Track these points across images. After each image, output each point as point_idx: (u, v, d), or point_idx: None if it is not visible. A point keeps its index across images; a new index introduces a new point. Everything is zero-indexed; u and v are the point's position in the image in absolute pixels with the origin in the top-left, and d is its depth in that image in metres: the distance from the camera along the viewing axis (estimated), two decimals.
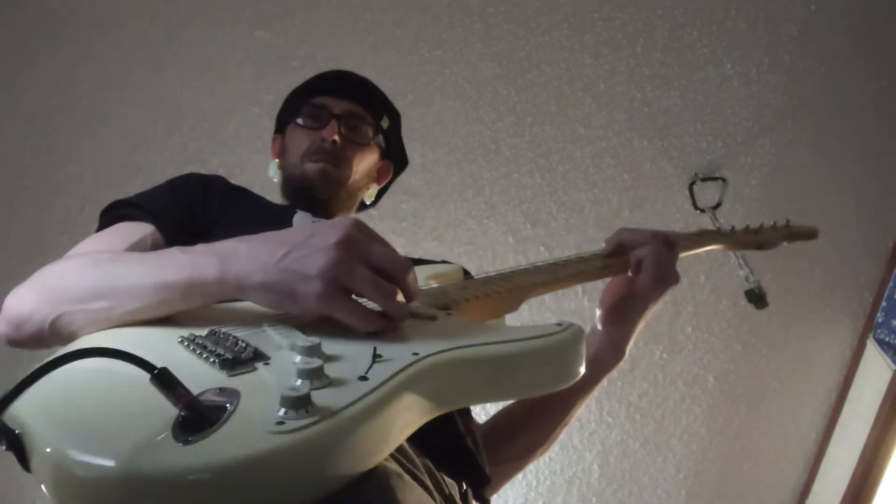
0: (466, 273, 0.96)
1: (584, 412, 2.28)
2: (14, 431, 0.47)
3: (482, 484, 0.81)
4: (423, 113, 2.01)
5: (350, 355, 0.55)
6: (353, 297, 0.59)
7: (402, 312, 0.61)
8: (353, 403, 0.47)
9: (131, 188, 1.00)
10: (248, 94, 1.98)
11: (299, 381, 0.49)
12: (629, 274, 0.96)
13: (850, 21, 1.97)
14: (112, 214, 0.95)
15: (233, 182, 1.09)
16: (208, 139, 2.01)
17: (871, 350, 2.19)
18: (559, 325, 0.63)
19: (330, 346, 0.55)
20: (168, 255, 0.67)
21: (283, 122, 1.23)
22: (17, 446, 0.47)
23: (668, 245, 0.95)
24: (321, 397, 0.47)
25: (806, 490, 2.42)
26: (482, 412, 1.41)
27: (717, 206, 2.08)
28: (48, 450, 0.45)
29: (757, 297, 1.93)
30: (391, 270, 0.60)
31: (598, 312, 0.97)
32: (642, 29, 1.98)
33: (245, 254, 0.61)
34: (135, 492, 0.41)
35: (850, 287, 2.19)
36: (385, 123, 1.22)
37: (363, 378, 0.51)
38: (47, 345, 0.70)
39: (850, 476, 2.20)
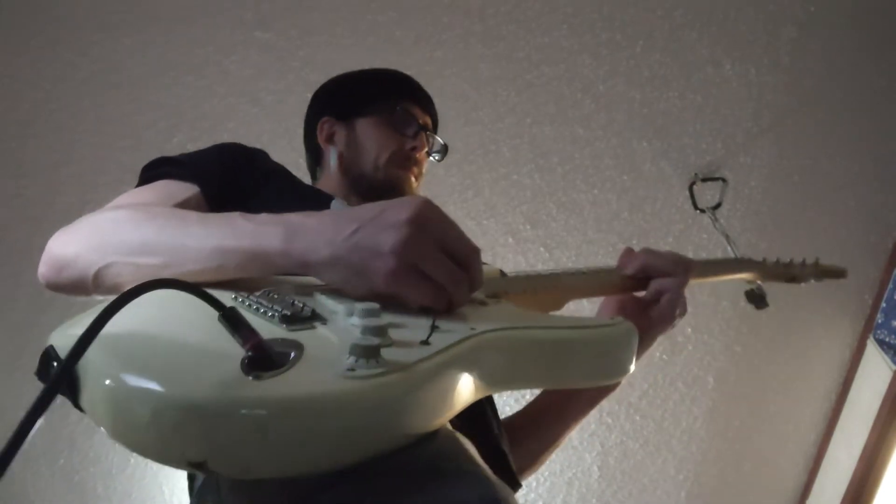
0: (503, 274, 0.94)
1: None
2: None
3: (513, 487, 0.80)
4: None
5: (408, 323, 0.55)
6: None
7: (466, 299, 0.60)
8: (422, 361, 0.48)
9: (131, 189, 0.99)
10: (248, 94, 1.98)
11: (364, 336, 0.49)
12: (635, 294, 0.94)
13: (850, 22, 1.97)
14: (156, 171, 0.92)
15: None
16: (208, 139, 2.00)
17: (871, 350, 2.19)
18: (613, 319, 0.65)
19: (386, 314, 0.54)
20: (229, 219, 0.64)
21: (346, 108, 1.17)
22: (70, 378, 0.46)
23: (688, 275, 0.94)
24: (388, 353, 0.47)
25: (806, 491, 2.42)
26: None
27: (718, 206, 2.08)
28: (107, 381, 0.43)
29: (757, 298, 1.92)
30: (462, 255, 0.58)
31: None
32: (642, 30, 1.99)
33: (313, 227, 0.59)
34: (206, 424, 0.41)
35: (849, 287, 2.19)
36: (441, 138, 1.23)
37: (425, 343, 0.51)
38: (87, 293, 0.69)
39: (850, 477, 2.20)
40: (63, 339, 0.50)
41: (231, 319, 0.46)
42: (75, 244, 0.69)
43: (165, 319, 0.51)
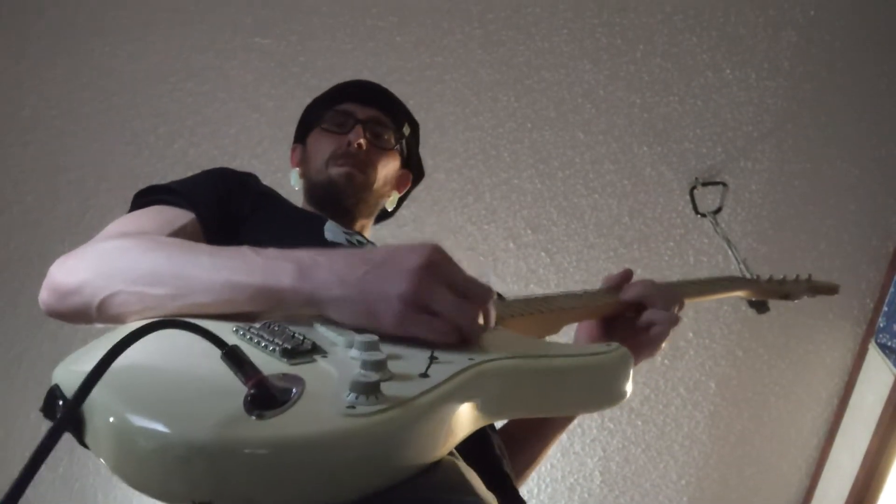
0: (499, 295, 0.94)
1: (586, 418, 2.28)
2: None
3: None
4: (423, 119, 1.98)
5: (406, 355, 0.55)
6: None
7: (479, 332, 0.60)
8: (421, 395, 0.48)
9: (132, 194, 0.99)
10: (249, 99, 1.98)
11: (364, 371, 0.49)
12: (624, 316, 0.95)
13: (849, 26, 1.97)
14: (149, 198, 0.91)
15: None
16: (209, 145, 2.02)
17: (873, 354, 2.18)
18: (608, 345, 0.66)
19: (385, 346, 0.55)
20: (240, 252, 0.64)
21: (304, 130, 1.22)
22: (75, 418, 0.46)
23: (679, 312, 0.96)
24: (388, 388, 0.48)
25: (808, 496, 2.41)
26: None
27: (718, 210, 2.08)
28: (111, 419, 0.44)
29: (757, 303, 1.92)
30: (474, 294, 0.59)
31: None
32: (642, 35, 1.99)
33: (325, 265, 0.60)
34: (211, 465, 0.41)
35: (851, 292, 2.19)
36: (406, 131, 1.23)
37: (424, 375, 0.52)
38: (88, 321, 0.68)
39: (852, 481, 2.19)
40: (68, 375, 0.50)
41: (233, 358, 0.47)
42: (81, 272, 0.69)
43: (169, 356, 0.52)
